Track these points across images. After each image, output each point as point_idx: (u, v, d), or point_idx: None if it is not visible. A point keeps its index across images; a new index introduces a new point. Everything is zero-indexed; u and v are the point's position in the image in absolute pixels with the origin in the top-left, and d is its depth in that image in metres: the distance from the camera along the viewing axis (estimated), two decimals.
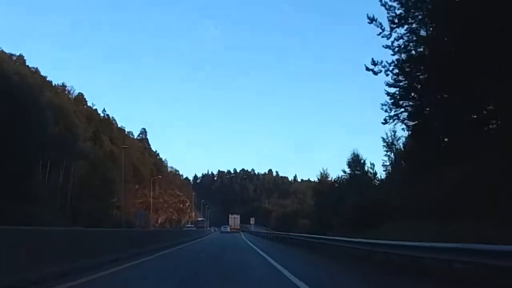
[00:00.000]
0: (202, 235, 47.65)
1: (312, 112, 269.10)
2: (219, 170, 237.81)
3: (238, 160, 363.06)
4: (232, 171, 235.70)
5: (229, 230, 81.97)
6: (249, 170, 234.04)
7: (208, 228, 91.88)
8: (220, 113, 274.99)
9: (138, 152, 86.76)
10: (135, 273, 10.21)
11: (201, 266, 12.51)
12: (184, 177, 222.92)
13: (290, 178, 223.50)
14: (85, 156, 52.31)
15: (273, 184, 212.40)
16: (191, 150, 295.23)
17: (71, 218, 44.76)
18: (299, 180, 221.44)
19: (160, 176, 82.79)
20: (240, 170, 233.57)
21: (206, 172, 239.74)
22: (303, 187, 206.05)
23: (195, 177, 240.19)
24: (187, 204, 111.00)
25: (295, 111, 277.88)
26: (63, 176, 49.06)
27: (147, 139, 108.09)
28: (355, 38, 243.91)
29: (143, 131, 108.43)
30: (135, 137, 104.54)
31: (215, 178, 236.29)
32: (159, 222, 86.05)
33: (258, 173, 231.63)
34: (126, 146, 59.20)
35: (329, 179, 51.43)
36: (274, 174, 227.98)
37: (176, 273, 10.22)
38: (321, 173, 53.14)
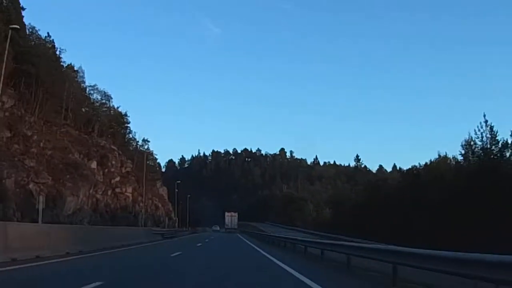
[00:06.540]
0: None
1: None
2: (213, 150, 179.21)
3: (238, 141, 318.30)
4: (231, 152, 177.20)
5: (218, 228, 76.59)
6: (254, 150, 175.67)
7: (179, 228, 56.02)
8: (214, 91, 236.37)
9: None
10: None
11: None
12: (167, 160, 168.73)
13: (309, 160, 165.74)
14: None
15: (288, 168, 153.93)
16: (180, 132, 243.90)
17: None
18: (321, 163, 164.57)
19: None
20: (241, 151, 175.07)
21: (197, 154, 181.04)
22: (331, 171, 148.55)
23: (182, 159, 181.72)
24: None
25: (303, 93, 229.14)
26: None
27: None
28: (355, 36, 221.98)
29: None
30: None
31: (208, 161, 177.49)
32: None
33: (266, 153, 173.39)
34: None
35: None
36: (288, 155, 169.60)
37: None
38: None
